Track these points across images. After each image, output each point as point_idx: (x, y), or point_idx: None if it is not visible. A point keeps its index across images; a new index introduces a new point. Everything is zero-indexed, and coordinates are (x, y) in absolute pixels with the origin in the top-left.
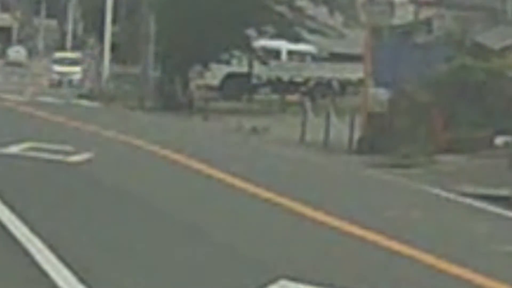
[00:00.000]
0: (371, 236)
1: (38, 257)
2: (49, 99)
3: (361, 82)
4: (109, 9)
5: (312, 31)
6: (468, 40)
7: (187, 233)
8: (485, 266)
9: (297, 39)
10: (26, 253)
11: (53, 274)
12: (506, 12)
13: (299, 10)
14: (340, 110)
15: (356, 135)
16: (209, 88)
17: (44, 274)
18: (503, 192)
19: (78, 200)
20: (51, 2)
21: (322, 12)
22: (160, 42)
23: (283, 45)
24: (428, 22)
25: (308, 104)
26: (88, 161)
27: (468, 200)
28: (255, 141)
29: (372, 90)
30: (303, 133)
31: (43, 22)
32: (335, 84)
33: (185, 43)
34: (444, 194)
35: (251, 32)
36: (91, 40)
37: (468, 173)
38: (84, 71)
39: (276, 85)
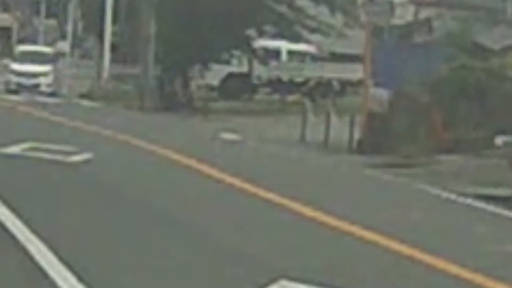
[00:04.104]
0: (371, 236)
1: (38, 257)
2: (48, 99)
3: (361, 82)
4: (109, 9)
5: (312, 30)
6: (468, 40)
7: (187, 233)
8: (485, 266)
9: (297, 39)
10: (26, 253)
11: (53, 274)
12: (506, 12)
13: (299, 10)
14: (340, 110)
15: (356, 135)
16: (209, 88)
17: (44, 274)
18: (503, 192)
19: (78, 200)
20: (51, 2)
21: (322, 12)
22: (160, 42)
23: (283, 45)
24: (428, 22)
25: (308, 104)
26: (88, 161)
27: (468, 200)
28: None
29: (372, 90)
30: (303, 133)
31: (43, 22)
32: (335, 84)
33: (185, 43)
34: (444, 194)
35: (251, 32)
36: (91, 40)
37: (468, 173)
38: (56, 72)
39: (276, 85)
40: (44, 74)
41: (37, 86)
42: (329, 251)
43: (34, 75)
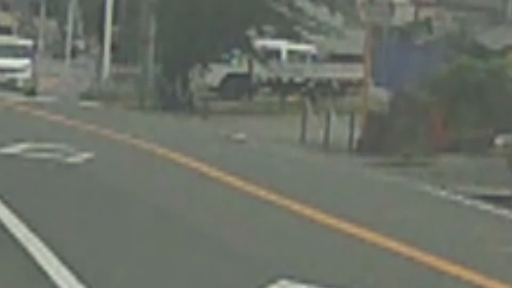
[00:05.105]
0: (370, 236)
1: (38, 257)
2: (48, 99)
3: (361, 82)
4: (109, 9)
5: (312, 30)
6: (468, 40)
7: (187, 234)
8: (485, 266)
9: (297, 39)
10: (26, 253)
11: (53, 274)
12: (506, 12)
13: (299, 10)
14: (340, 110)
15: (356, 135)
16: (209, 88)
17: (44, 274)
18: (503, 192)
19: (78, 200)
20: (51, 2)
21: (322, 12)
22: (160, 42)
23: (283, 45)
24: (428, 22)
25: (308, 104)
26: (88, 161)
27: (468, 200)
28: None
29: (372, 90)
30: (303, 133)
31: (43, 22)
32: (335, 84)
33: (185, 43)
34: (444, 194)
35: (251, 32)
36: (92, 40)
37: (468, 173)
38: (33, 66)
39: (276, 85)
40: (21, 69)
41: (13, 82)
42: (329, 251)
43: (10, 70)
